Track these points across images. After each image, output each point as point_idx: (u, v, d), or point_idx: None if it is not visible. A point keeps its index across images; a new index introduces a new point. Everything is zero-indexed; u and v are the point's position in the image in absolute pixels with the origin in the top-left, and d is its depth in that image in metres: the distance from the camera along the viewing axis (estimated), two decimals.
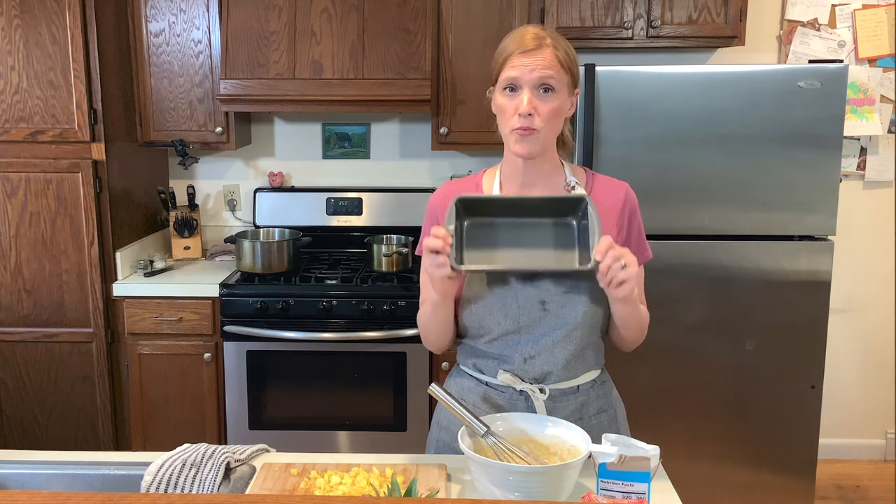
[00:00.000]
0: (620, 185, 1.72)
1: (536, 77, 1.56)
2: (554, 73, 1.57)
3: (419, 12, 3.09)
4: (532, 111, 1.56)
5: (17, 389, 3.09)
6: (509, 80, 1.58)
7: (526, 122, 1.56)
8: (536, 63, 1.56)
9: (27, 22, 2.90)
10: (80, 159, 2.98)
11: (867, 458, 3.76)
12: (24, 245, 3.02)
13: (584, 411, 1.68)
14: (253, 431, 3.06)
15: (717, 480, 3.01)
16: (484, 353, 1.69)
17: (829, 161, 2.83)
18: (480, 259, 1.59)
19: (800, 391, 2.95)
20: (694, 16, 3.08)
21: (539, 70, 1.56)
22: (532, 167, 1.65)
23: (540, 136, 1.58)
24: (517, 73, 1.57)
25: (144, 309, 3.04)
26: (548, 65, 1.56)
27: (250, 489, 1.50)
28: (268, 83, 3.06)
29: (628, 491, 1.35)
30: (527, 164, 1.65)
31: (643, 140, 2.83)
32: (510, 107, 1.58)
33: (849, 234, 3.47)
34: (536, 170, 1.66)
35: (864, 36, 3.43)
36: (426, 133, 3.46)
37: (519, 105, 1.56)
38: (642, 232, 1.73)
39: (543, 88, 1.57)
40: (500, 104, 1.61)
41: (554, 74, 1.57)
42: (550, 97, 1.58)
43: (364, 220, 3.52)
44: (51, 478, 1.59)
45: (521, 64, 1.56)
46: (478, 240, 1.60)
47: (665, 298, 2.83)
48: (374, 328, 2.98)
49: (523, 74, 1.56)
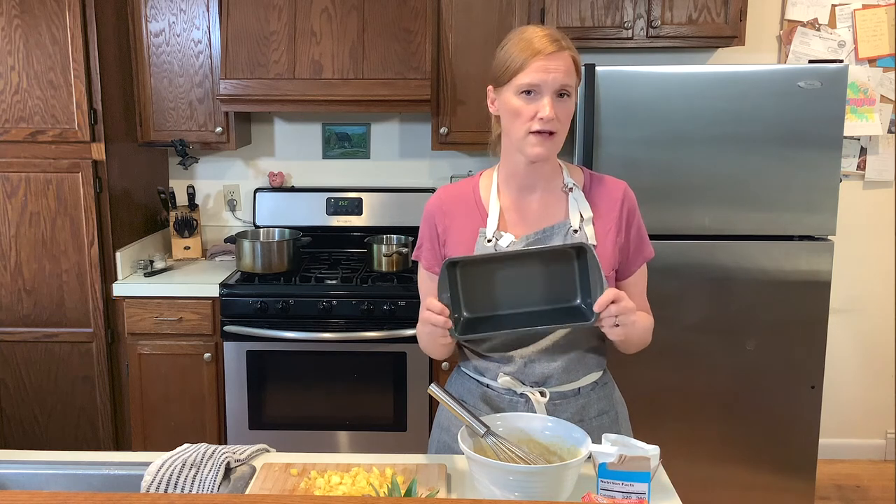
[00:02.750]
0: (618, 185, 1.71)
1: (559, 84, 1.55)
2: (572, 77, 1.57)
3: (419, 12, 3.08)
4: (554, 116, 1.55)
5: (17, 389, 3.09)
6: (530, 85, 1.55)
7: (549, 127, 1.55)
8: (558, 68, 1.54)
9: (27, 22, 2.90)
10: (80, 159, 2.98)
11: (867, 458, 3.76)
12: (24, 245, 3.02)
13: (586, 413, 1.68)
14: (253, 431, 3.06)
15: (716, 480, 3.01)
16: (484, 356, 1.69)
17: (829, 161, 2.83)
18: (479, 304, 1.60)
19: (800, 391, 2.95)
20: (694, 16, 3.08)
21: (562, 75, 1.54)
22: (533, 169, 1.64)
23: (556, 140, 1.58)
24: (540, 77, 1.54)
25: (144, 309, 3.04)
26: (567, 70, 1.56)
27: (250, 489, 1.50)
28: (268, 83, 3.06)
29: (628, 491, 1.35)
30: (528, 167, 1.64)
31: (643, 140, 2.83)
32: (528, 111, 1.56)
33: (849, 234, 3.47)
34: (537, 172, 1.65)
35: (864, 36, 3.43)
36: (426, 133, 3.46)
37: (539, 109, 1.54)
38: (643, 230, 1.72)
39: (560, 94, 1.56)
40: (514, 107, 1.57)
41: (572, 78, 1.57)
42: (566, 101, 1.57)
43: (364, 220, 3.52)
44: (51, 478, 1.59)
45: (544, 69, 1.54)
46: (475, 285, 1.59)
47: (665, 298, 2.83)
48: (374, 328, 2.98)
49: (546, 80, 1.54)
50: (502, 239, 1.64)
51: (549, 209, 1.67)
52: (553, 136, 1.57)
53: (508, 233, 1.65)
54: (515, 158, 1.64)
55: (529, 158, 1.60)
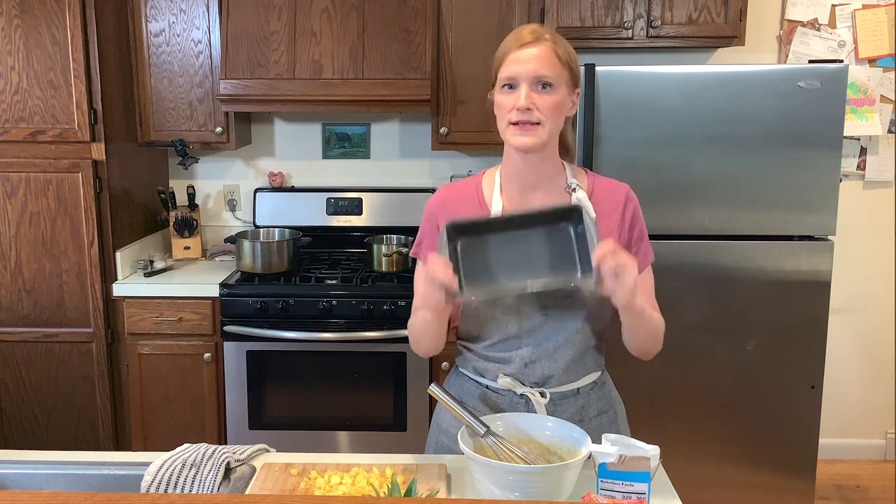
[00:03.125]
0: (621, 187, 1.70)
1: (533, 70, 1.53)
2: (552, 67, 1.55)
3: (419, 12, 3.09)
4: (531, 106, 1.53)
5: (17, 389, 3.09)
6: (508, 78, 1.56)
7: (524, 117, 1.54)
8: (533, 56, 1.54)
9: (27, 22, 2.90)
10: (80, 159, 2.98)
11: (867, 458, 3.76)
12: (24, 245, 3.02)
13: (585, 413, 1.68)
14: (253, 431, 3.06)
15: (717, 480, 3.01)
16: (484, 356, 1.68)
17: (829, 161, 2.83)
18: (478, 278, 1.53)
19: (800, 391, 2.95)
20: (694, 16, 3.08)
21: (536, 64, 1.54)
22: (533, 168, 1.63)
23: (540, 131, 1.55)
24: (515, 68, 1.55)
25: (144, 309, 3.04)
26: (544, 60, 1.54)
27: (250, 489, 1.50)
28: (268, 83, 3.06)
29: (628, 491, 1.35)
30: (528, 165, 1.62)
31: (643, 140, 2.83)
32: (507, 102, 1.56)
33: (849, 234, 3.47)
34: (537, 171, 1.64)
35: (864, 36, 3.43)
36: (426, 133, 3.46)
37: (517, 100, 1.54)
38: (645, 234, 1.70)
39: (542, 84, 1.55)
40: (498, 101, 1.59)
41: (552, 68, 1.55)
42: (549, 92, 1.55)
43: (364, 220, 3.52)
44: (51, 478, 1.58)
45: (518, 59, 1.55)
46: (473, 259, 1.54)
47: (665, 298, 2.80)
48: (374, 328, 2.98)
49: (521, 70, 1.54)
50: None
51: None
52: (537, 127, 1.55)
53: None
54: (511, 156, 1.64)
55: (515, 149, 1.59)
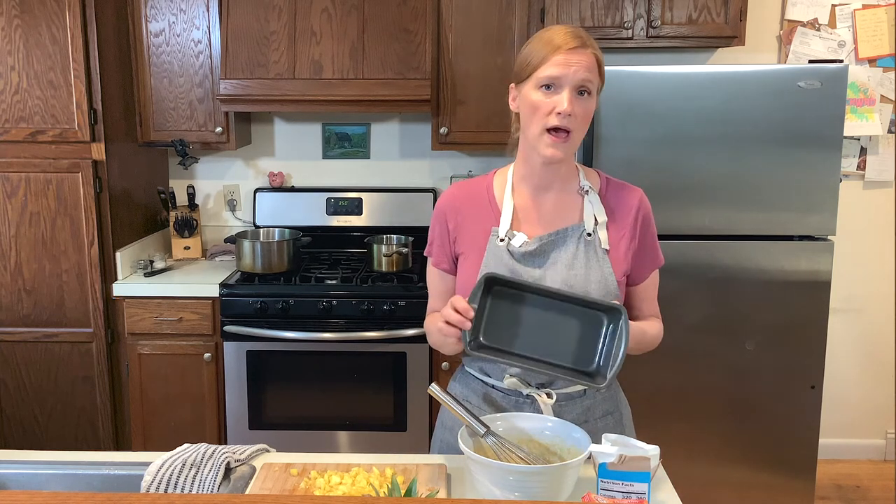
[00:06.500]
0: (635, 192, 1.69)
1: (580, 78, 1.52)
2: (593, 75, 1.54)
3: (419, 12, 3.08)
4: (572, 112, 1.52)
5: (17, 389, 3.09)
6: (550, 78, 1.53)
7: (565, 123, 1.52)
8: (580, 63, 1.52)
9: (27, 22, 2.90)
10: (80, 159, 2.98)
11: (867, 458, 3.76)
12: (24, 245, 3.02)
13: (591, 414, 1.67)
14: (253, 431, 3.06)
15: (717, 480, 3.01)
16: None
17: (829, 161, 2.83)
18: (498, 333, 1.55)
19: (800, 391, 2.95)
20: (694, 16, 3.08)
21: (583, 71, 1.52)
22: (549, 170, 1.62)
23: (571, 141, 1.55)
24: (560, 70, 1.52)
25: (144, 309, 3.04)
26: (589, 66, 1.53)
27: (250, 489, 1.50)
28: (268, 83, 3.06)
29: (628, 491, 1.35)
30: (547, 170, 1.62)
31: (643, 140, 2.83)
32: (546, 105, 1.53)
33: (849, 234, 3.47)
34: (553, 173, 1.63)
35: (864, 36, 3.43)
36: (426, 133, 3.46)
37: (558, 104, 1.52)
38: (656, 239, 1.72)
39: (580, 91, 1.54)
40: (533, 101, 1.55)
41: (593, 77, 1.54)
42: (586, 100, 1.55)
43: (364, 220, 3.52)
44: (51, 478, 1.59)
45: (565, 62, 1.52)
46: (501, 312, 1.55)
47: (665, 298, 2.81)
48: (374, 328, 2.98)
49: (567, 73, 1.52)
50: (515, 238, 1.62)
51: (563, 210, 1.66)
52: (569, 137, 1.54)
53: (521, 232, 1.63)
54: (532, 159, 1.62)
55: (543, 159, 1.58)
